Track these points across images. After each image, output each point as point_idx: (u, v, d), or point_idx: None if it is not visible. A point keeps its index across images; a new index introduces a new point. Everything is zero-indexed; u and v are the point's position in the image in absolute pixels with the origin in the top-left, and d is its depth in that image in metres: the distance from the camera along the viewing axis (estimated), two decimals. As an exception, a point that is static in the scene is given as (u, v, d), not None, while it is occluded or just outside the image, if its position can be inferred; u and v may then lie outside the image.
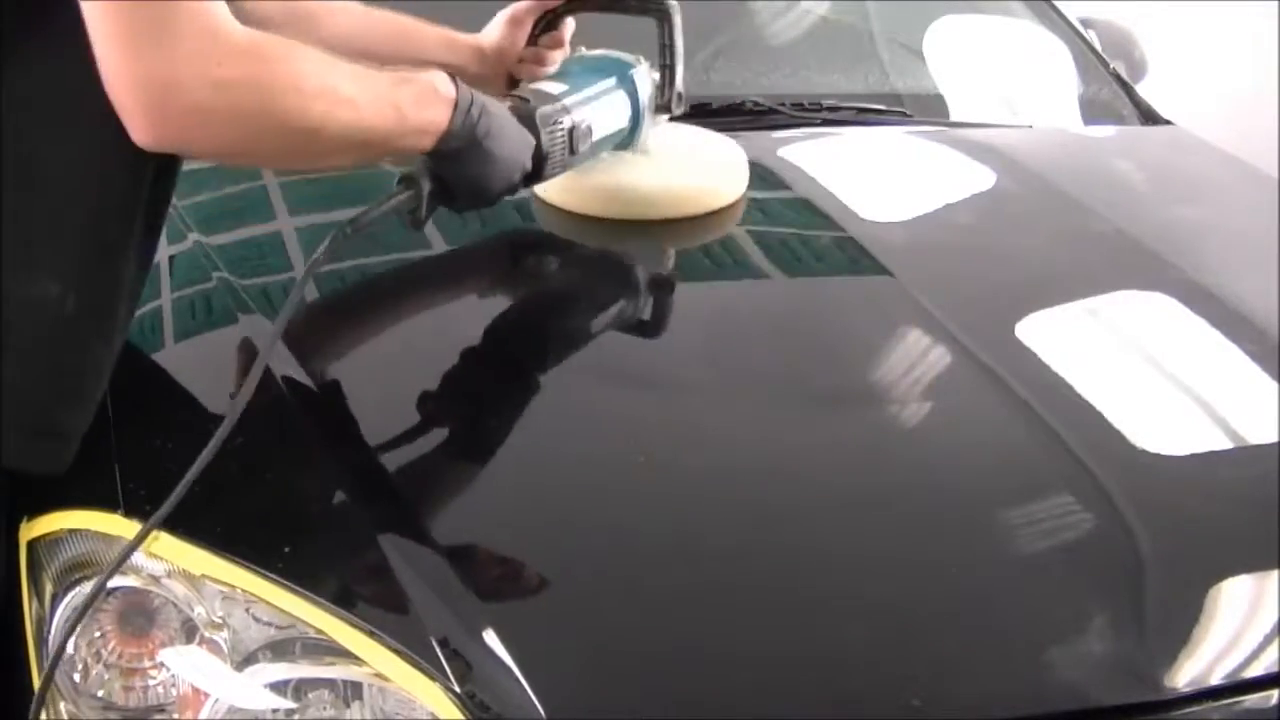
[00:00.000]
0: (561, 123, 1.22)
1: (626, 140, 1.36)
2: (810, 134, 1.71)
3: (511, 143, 1.15)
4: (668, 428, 1.14)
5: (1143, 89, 2.07)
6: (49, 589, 0.98)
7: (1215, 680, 0.94)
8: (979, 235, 1.54)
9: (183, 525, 0.97)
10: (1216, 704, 0.93)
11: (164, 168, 1.01)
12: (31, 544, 1.00)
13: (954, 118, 1.88)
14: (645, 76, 1.35)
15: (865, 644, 0.94)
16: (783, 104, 1.71)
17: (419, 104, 1.06)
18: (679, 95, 1.37)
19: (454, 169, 1.12)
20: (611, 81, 1.32)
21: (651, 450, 1.10)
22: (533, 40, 1.39)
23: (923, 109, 1.85)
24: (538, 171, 1.21)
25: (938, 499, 1.06)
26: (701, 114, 1.67)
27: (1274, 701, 0.95)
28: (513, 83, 1.37)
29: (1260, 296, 1.38)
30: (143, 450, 1.06)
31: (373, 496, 1.02)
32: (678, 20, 1.35)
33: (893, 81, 1.95)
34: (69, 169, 0.96)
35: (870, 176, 1.65)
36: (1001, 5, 2.14)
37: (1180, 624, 0.97)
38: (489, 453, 1.11)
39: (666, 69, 1.36)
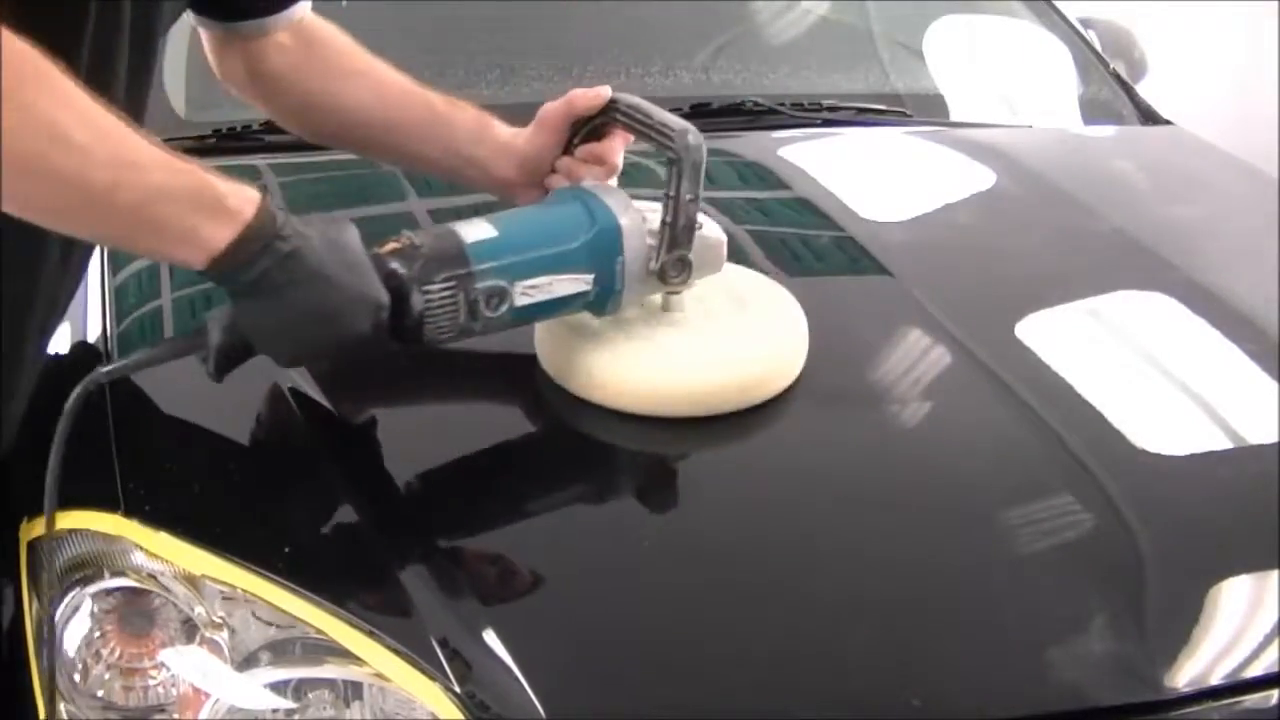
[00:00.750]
0: (454, 282, 0.99)
1: (596, 306, 1.09)
2: (810, 134, 1.71)
3: (333, 300, 0.94)
4: (667, 428, 1.13)
5: (1143, 89, 2.07)
6: (49, 589, 0.98)
7: (1215, 680, 0.94)
8: (979, 235, 1.54)
9: (183, 525, 0.97)
10: (1216, 704, 0.93)
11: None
12: (31, 544, 1.00)
13: (954, 118, 1.88)
14: (636, 232, 1.07)
15: (865, 644, 0.94)
16: (783, 104, 1.71)
17: (191, 204, 0.88)
18: (680, 262, 1.07)
19: (248, 314, 0.94)
20: (574, 236, 1.05)
21: (652, 451, 1.10)
22: (569, 150, 1.17)
23: (923, 109, 1.85)
24: (414, 333, 1.00)
25: (938, 499, 1.06)
26: (701, 114, 1.67)
27: (1274, 701, 0.95)
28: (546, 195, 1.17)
29: (1260, 296, 1.38)
30: (143, 450, 1.06)
31: (373, 497, 1.02)
32: (694, 167, 1.05)
33: (893, 81, 1.95)
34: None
35: (870, 176, 1.65)
36: (1001, 5, 2.14)
37: (1180, 624, 0.97)
38: (489, 453, 1.11)
39: (667, 226, 1.06)
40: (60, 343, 1.17)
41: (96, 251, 1.30)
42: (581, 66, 1.74)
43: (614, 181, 1.17)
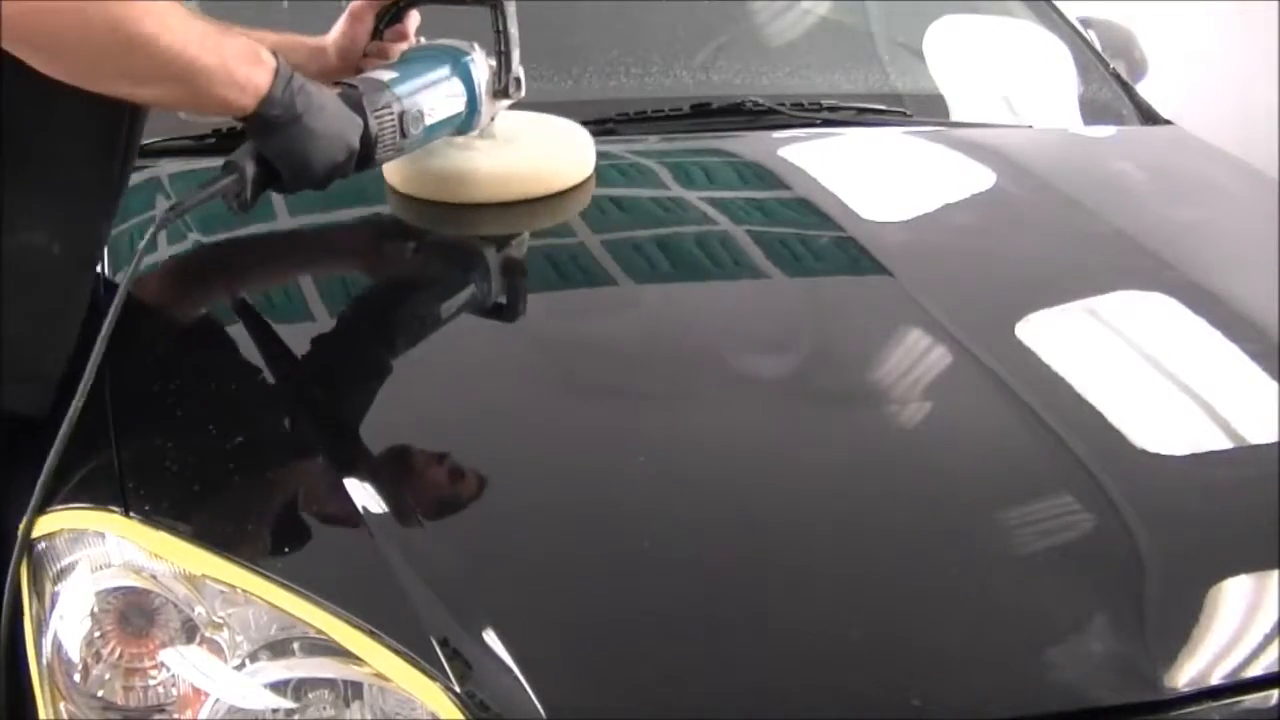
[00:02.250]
0: (390, 107, 1.25)
1: (465, 124, 1.39)
2: (810, 134, 1.71)
3: (334, 121, 1.18)
4: (667, 428, 1.14)
5: (1143, 89, 2.07)
6: (49, 589, 0.98)
7: (1215, 680, 0.94)
8: (979, 236, 1.54)
9: (183, 525, 0.97)
10: (1216, 704, 0.93)
11: (134, 126, 1.13)
12: (31, 544, 1.00)
13: (954, 118, 1.88)
14: (481, 63, 1.38)
15: (865, 642, 0.94)
16: (783, 104, 1.71)
17: (241, 58, 1.09)
18: (517, 80, 1.40)
19: (276, 146, 1.14)
20: (445, 68, 1.35)
21: (652, 451, 1.10)
22: (377, 35, 1.41)
23: (923, 109, 1.85)
24: (368, 155, 1.23)
25: (938, 499, 1.06)
26: (702, 114, 1.67)
27: (1274, 701, 0.95)
28: None
29: (1259, 296, 1.38)
30: (143, 450, 1.06)
31: (374, 497, 1.02)
32: (510, 7, 1.38)
33: (893, 81, 1.95)
34: (52, 128, 1.06)
35: (870, 176, 1.65)
36: (1001, 5, 2.13)
37: (1180, 624, 0.97)
38: (490, 454, 1.11)
39: (502, 54, 1.39)
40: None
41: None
42: (581, 66, 1.74)
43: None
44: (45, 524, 1.00)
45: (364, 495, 1.02)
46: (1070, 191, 1.65)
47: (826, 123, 1.73)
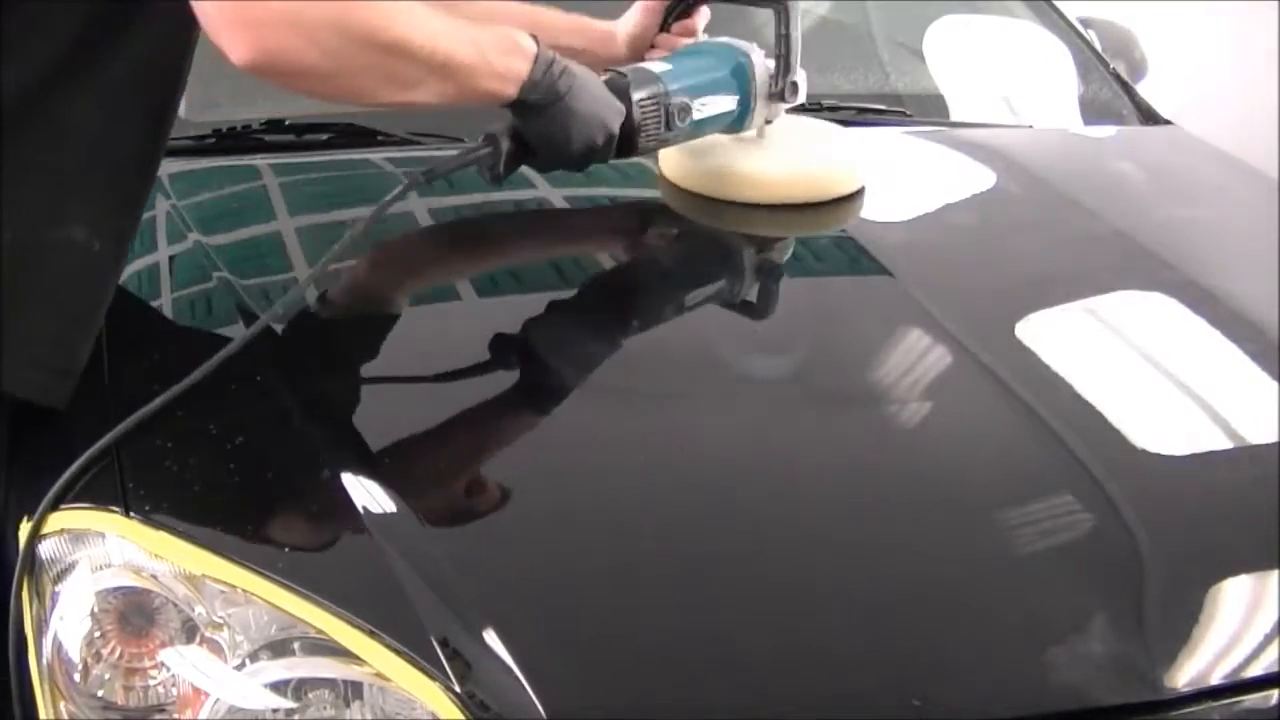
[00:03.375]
0: (657, 98, 1.30)
1: (736, 123, 1.42)
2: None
3: (595, 103, 1.22)
4: (667, 428, 1.14)
5: (1143, 89, 2.07)
6: (49, 589, 0.98)
7: (1215, 680, 0.94)
8: (979, 236, 1.54)
9: (183, 525, 0.97)
10: (1216, 704, 0.93)
11: (170, 123, 1.13)
12: (31, 544, 1.00)
13: (954, 118, 1.88)
14: (759, 64, 1.41)
15: (865, 643, 0.94)
16: (783, 104, 1.71)
17: (499, 49, 1.14)
18: (794, 85, 1.42)
19: (534, 124, 1.19)
20: (719, 66, 1.39)
21: (652, 450, 1.10)
22: (665, 28, 1.46)
23: (923, 109, 1.85)
24: (630, 142, 1.28)
25: (938, 499, 1.06)
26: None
27: (1274, 701, 0.95)
28: None
29: (1259, 296, 1.38)
30: (143, 450, 1.06)
31: (374, 497, 1.02)
32: (795, 13, 1.42)
33: (893, 81, 1.95)
34: (97, 127, 1.06)
35: (870, 176, 1.64)
36: (1001, 5, 2.13)
37: (1180, 624, 0.97)
38: (490, 454, 1.11)
39: (781, 59, 1.42)
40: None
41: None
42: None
43: None
44: (45, 524, 1.00)
45: (364, 495, 1.02)
46: (1070, 191, 1.65)
47: (826, 123, 1.73)
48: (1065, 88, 2.02)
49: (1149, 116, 1.97)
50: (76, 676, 0.94)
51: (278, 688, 0.91)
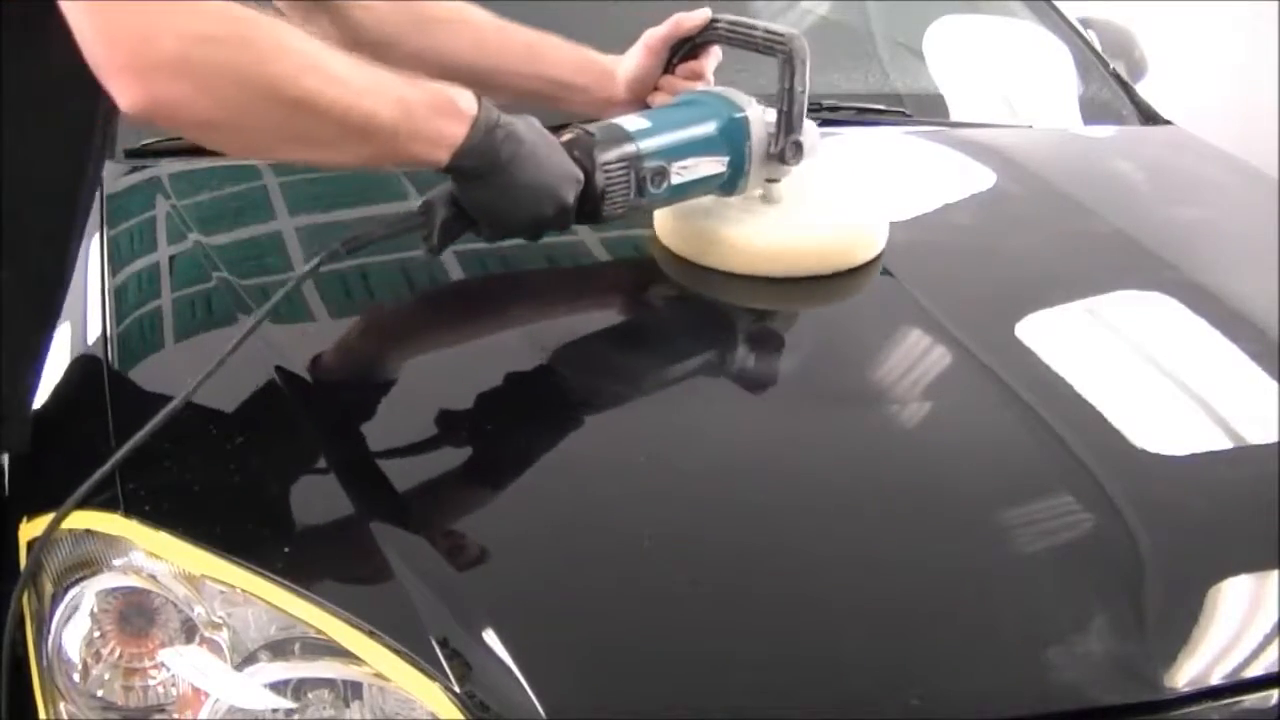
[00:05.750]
0: (626, 161, 1.17)
1: (727, 186, 1.28)
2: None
3: (543, 172, 1.10)
4: (668, 427, 1.14)
5: (1143, 89, 2.07)
6: (49, 589, 0.98)
7: (1215, 680, 0.94)
8: (979, 235, 1.54)
9: (183, 525, 0.97)
10: (1216, 704, 0.93)
11: (97, 161, 1.05)
12: (31, 544, 1.00)
13: (954, 118, 1.88)
14: (758, 121, 1.27)
15: (865, 644, 0.94)
16: (783, 104, 1.71)
17: (431, 110, 1.02)
18: (796, 145, 1.27)
19: (473, 193, 1.08)
20: (709, 123, 1.25)
21: (652, 450, 1.10)
22: (670, 69, 1.35)
23: (923, 109, 1.85)
24: (593, 210, 1.16)
25: (938, 499, 1.06)
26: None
27: (1274, 701, 0.95)
28: None
29: (1260, 296, 1.38)
30: (143, 450, 1.05)
31: (373, 497, 1.02)
32: (802, 64, 1.25)
33: (893, 81, 1.95)
34: (20, 161, 0.98)
35: (870, 176, 1.64)
36: (1001, 5, 2.14)
37: (1180, 624, 0.97)
38: (490, 453, 1.11)
39: (783, 115, 1.27)
40: (60, 343, 1.18)
41: (95, 251, 1.31)
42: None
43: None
44: (45, 524, 1.00)
45: (364, 496, 1.02)
46: (1070, 191, 1.65)
47: (826, 123, 1.72)
48: (1065, 88, 2.02)
49: (1149, 116, 1.97)
50: (76, 676, 0.94)
51: (277, 688, 0.91)
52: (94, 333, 1.21)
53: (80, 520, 0.99)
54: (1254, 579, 1.03)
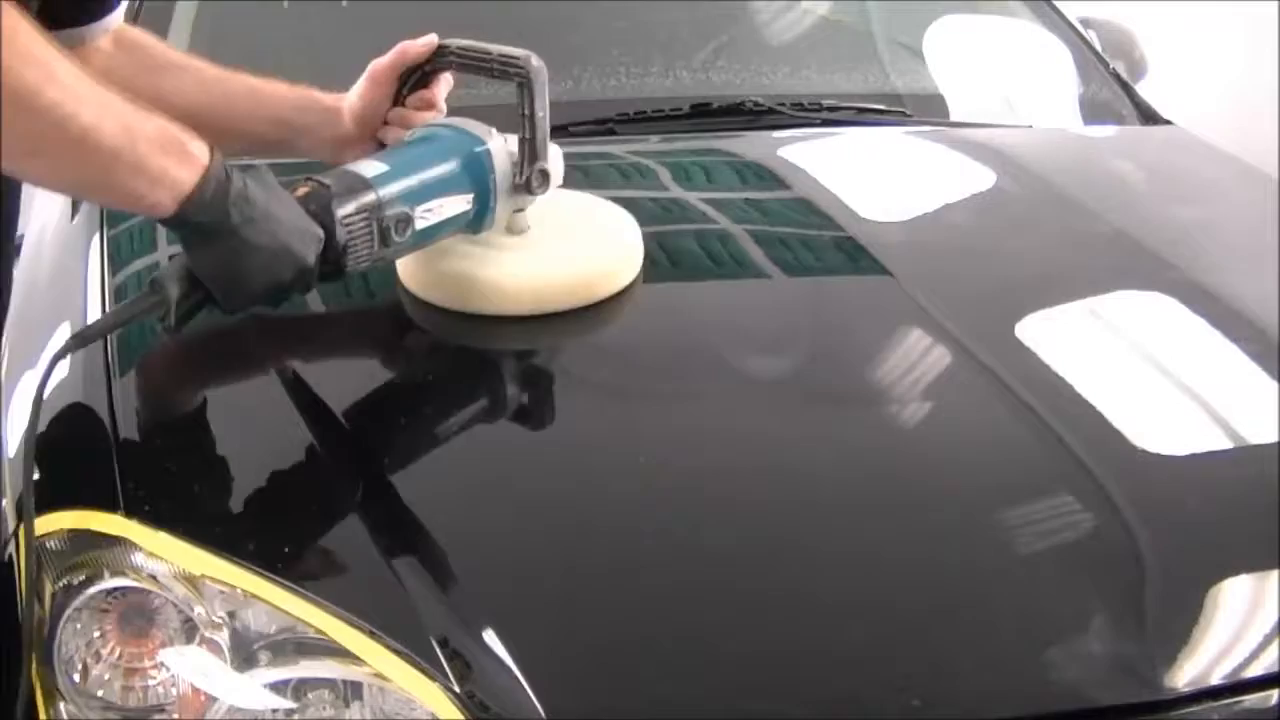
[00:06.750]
0: (368, 211, 1.08)
1: (474, 224, 1.20)
2: (810, 134, 1.71)
3: (284, 235, 1.01)
4: (668, 427, 1.14)
5: (1143, 89, 2.07)
6: (49, 589, 0.98)
7: (1215, 680, 0.94)
8: (979, 235, 1.54)
9: (183, 525, 0.97)
10: (1216, 704, 0.93)
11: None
12: (31, 544, 1.00)
13: (954, 118, 1.88)
14: (501, 152, 1.19)
15: (865, 644, 0.94)
16: (783, 104, 1.71)
17: (158, 144, 0.93)
18: (543, 173, 1.19)
19: (203, 258, 0.99)
20: (450, 160, 1.16)
21: (653, 450, 1.10)
22: (400, 100, 1.25)
23: (923, 109, 1.85)
24: (336, 265, 1.07)
25: (938, 499, 1.06)
26: (702, 114, 1.67)
27: (1274, 701, 0.95)
28: (382, 148, 1.23)
29: (1260, 296, 1.38)
30: (143, 450, 1.06)
31: (373, 497, 1.02)
32: (540, 86, 1.17)
33: (893, 81, 1.95)
34: None
35: (870, 176, 1.65)
36: (1001, 5, 2.14)
37: (1180, 624, 0.97)
38: (490, 454, 1.11)
39: (526, 143, 1.18)
40: (60, 343, 1.17)
41: (96, 253, 1.31)
42: (581, 66, 1.74)
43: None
44: (45, 524, 1.00)
45: (364, 496, 1.02)
46: (1070, 191, 1.65)
47: (826, 123, 1.73)
48: (1065, 88, 2.03)
49: (1149, 116, 1.97)
50: (76, 676, 0.94)
51: (277, 688, 0.91)
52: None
53: (80, 520, 0.99)
54: (1254, 579, 1.03)
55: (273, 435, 1.09)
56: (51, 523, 1.00)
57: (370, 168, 1.12)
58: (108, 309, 1.23)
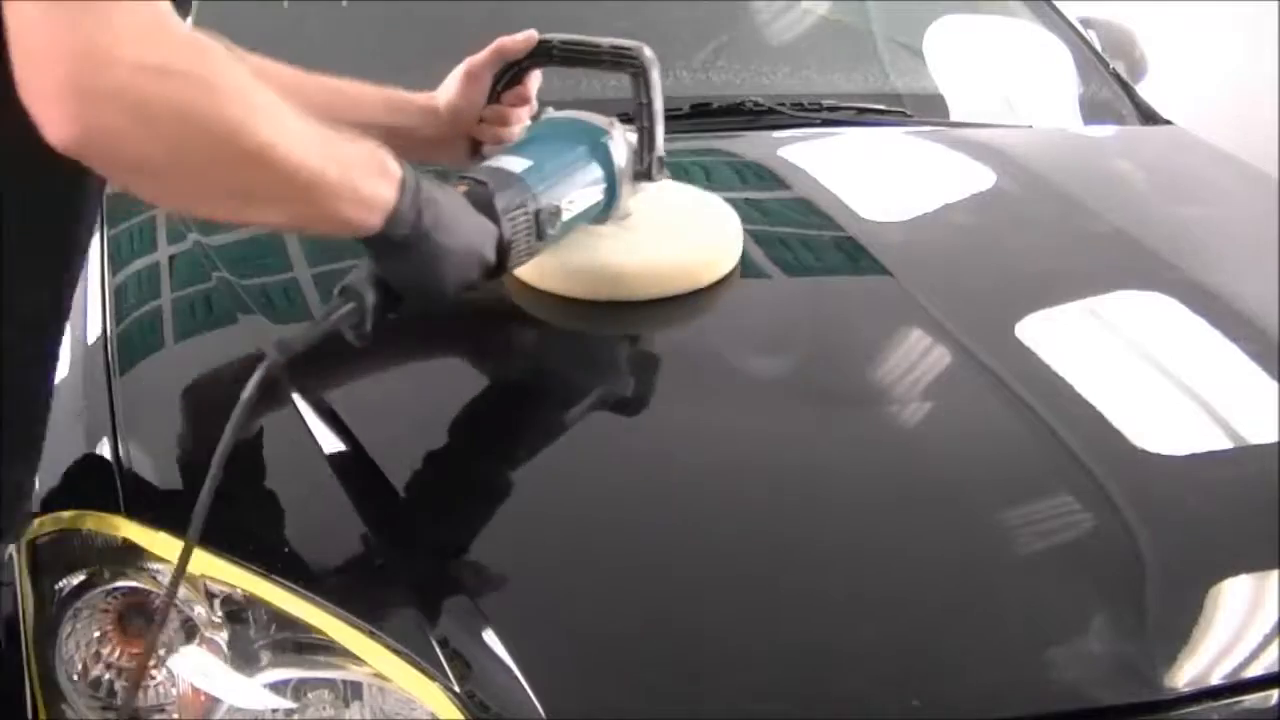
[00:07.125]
0: (525, 207, 1.08)
1: (602, 213, 1.22)
2: (810, 134, 1.71)
3: (467, 234, 1.01)
4: (669, 425, 1.14)
5: (1143, 89, 2.08)
6: (49, 589, 0.98)
7: (1215, 680, 0.94)
8: (979, 235, 1.54)
9: (183, 525, 0.97)
10: (1216, 704, 0.93)
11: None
12: (31, 544, 1.00)
13: (954, 118, 1.88)
14: (621, 142, 1.20)
15: (865, 643, 0.94)
16: (783, 104, 1.71)
17: (366, 170, 0.92)
18: (660, 160, 1.22)
19: (400, 267, 0.97)
20: (582, 151, 1.18)
21: (651, 451, 1.10)
22: (494, 97, 1.24)
23: (923, 109, 1.85)
24: (501, 262, 1.07)
25: (938, 499, 1.06)
26: (702, 114, 1.67)
27: (1274, 701, 0.95)
28: (475, 146, 1.24)
29: (1260, 296, 1.38)
30: (143, 451, 1.06)
31: (373, 497, 1.02)
32: (656, 76, 1.20)
33: (893, 81, 1.95)
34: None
35: (870, 176, 1.65)
36: (1001, 5, 2.14)
37: (1180, 624, 0.97)
38: (489, 454, 1.11)
39: (645, 131, 1.21)
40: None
41: (96, 253, 1.31)
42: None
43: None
44: (45, 524, 1.00)
45: (364, 496, 1.02)
46: (1070, 191, 1.65)
47: (826, 123, 1.73)
48: (1065, 87, 2.02)
49: (1149, 116, 1.97)
50: (76, 676, 0.94)
51: (277, 688, 0.91)
52: (94, 333, 1.21)
53: (80, 520, 0.99)
54: (1254, 579, 1.03)
55: (273, 436, 1.09)
56: (51, 523, 1.00)
57: (514, 163, 1.11)
58: (108, 309, 1.23)
